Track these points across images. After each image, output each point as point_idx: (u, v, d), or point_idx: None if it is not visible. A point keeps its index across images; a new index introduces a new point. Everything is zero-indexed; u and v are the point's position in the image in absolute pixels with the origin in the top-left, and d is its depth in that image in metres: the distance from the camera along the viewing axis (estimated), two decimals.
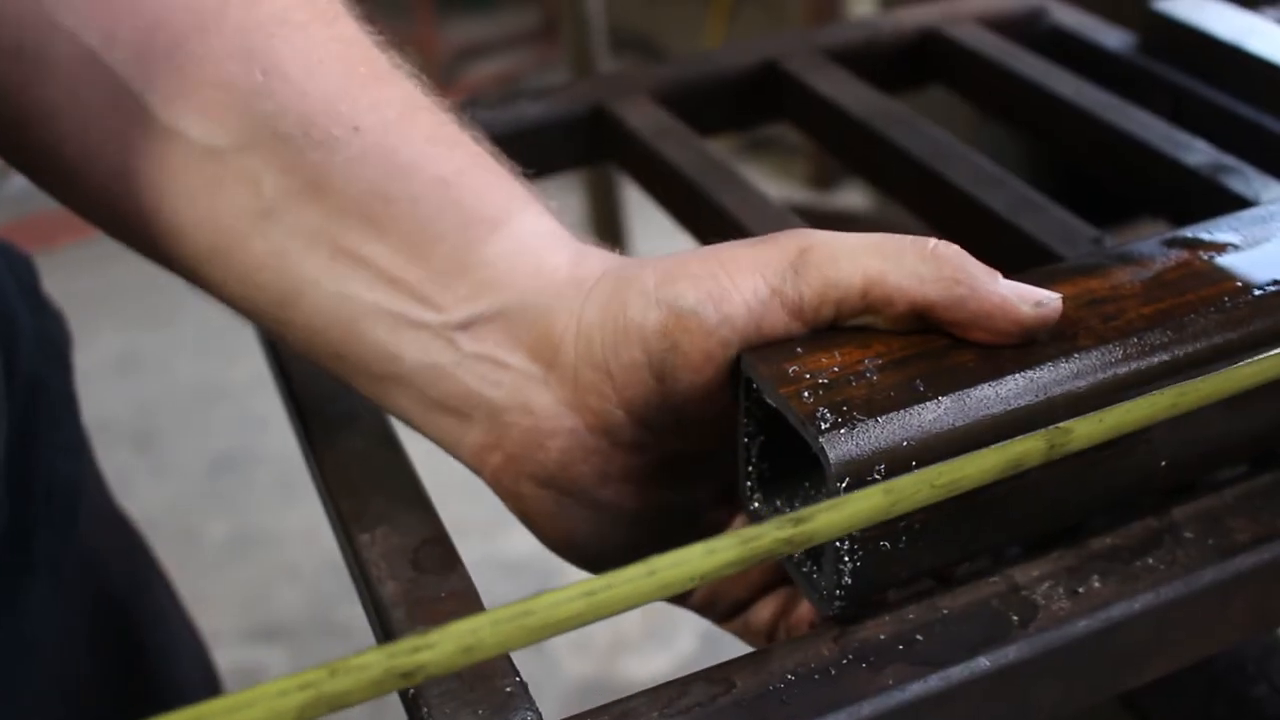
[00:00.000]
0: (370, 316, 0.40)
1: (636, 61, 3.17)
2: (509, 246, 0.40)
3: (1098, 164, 0.63)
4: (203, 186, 0.39)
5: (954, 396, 0.35)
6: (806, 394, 0.35)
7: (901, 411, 0.35)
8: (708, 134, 0.68)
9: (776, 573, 0.44)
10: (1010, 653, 0.36)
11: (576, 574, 0.38)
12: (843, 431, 0.34)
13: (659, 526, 0.42)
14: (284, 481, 2.17)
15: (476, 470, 0.42)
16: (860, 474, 0.34)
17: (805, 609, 0.43)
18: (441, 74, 3.46)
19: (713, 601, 0.45)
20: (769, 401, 0.36)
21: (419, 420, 0.42)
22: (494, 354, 0.40)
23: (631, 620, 1.88)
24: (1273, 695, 0.54)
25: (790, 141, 2.85)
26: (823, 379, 0.36)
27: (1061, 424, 0.33)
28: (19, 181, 0.47)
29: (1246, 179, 0.56)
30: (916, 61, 0.73)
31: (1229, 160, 0.58)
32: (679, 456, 0.41)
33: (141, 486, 2.17)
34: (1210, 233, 0.41)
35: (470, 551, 0.42)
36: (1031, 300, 0.37)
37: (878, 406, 0.35)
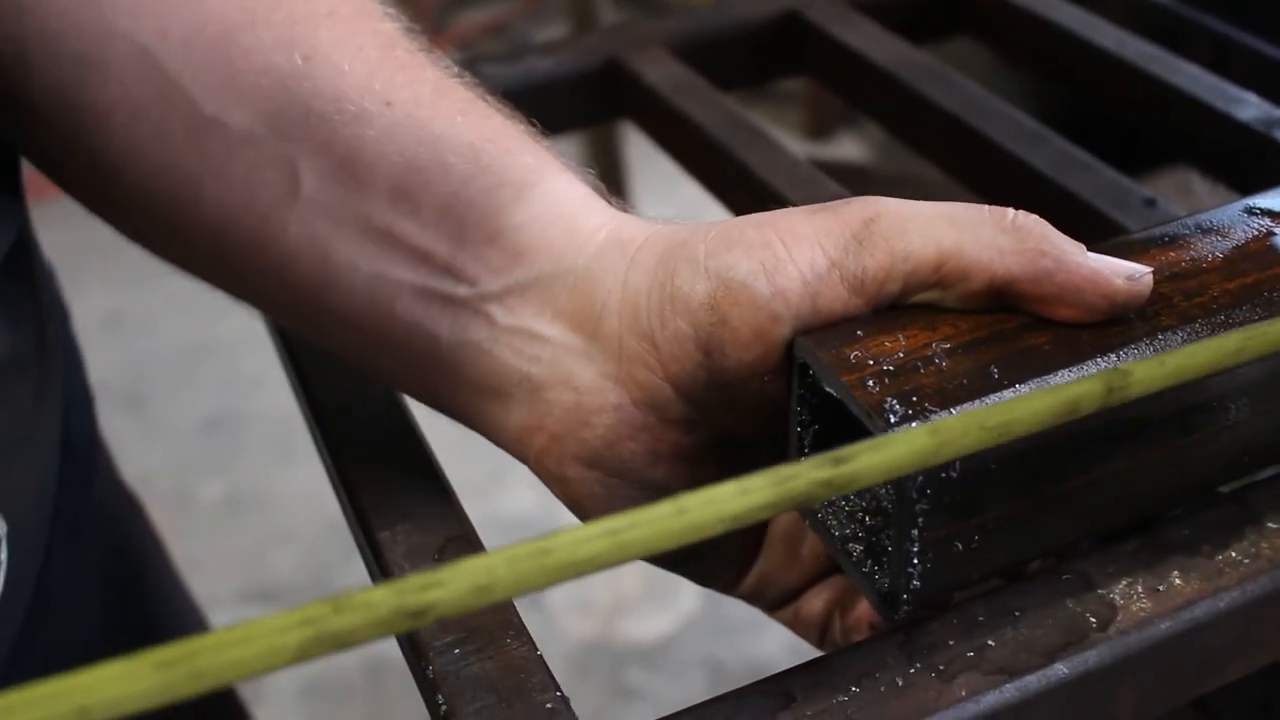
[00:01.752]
0: (405, 296, 0.38)
1: (635, 12, 3.11)
2: (540, 209, 0.38)
3: (1140, 117, 0.59)
4: (241, 175, 0.39)
5: (1033, 385, 0.32)
6: (871, 382, 0.32)
7: (979, 403, 0.32)
8: (727, 88, 0.65)
9: (830, 560, 0.41)
10: (1089, 659, 0.33)
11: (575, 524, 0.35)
12: (914, 426, 0.31)
13: None
14: (278, 441, 2.14)
15: (520, 455, 0.40)
16: (935, 472, 0.31)
17: (865, 606, 0.40)
18: (432, 23, 3.40)
19: (762, 589, 0.42)
20: (828, 389, 0.33)
21: (461, 406, 0.40)
22: (531, 326, 0.38)
23: (632, 581, 1.86)
24: None
25: (785, 91, 2.80)
26: (888, 365, 0.33)
27: (1120, 366, 0.30)
28: None
29: None
30: (945, 11, 0.69)
31: None
32: (733, 435, 0.38)
33: (133, 447, 2.13)
34: None
35: (469, 513, 0.40)
36: (1124, 273, 0.34)
37: (951, 397, 0.32)
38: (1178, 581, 0.35)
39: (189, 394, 2.27)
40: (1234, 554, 0.35)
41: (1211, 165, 0.56)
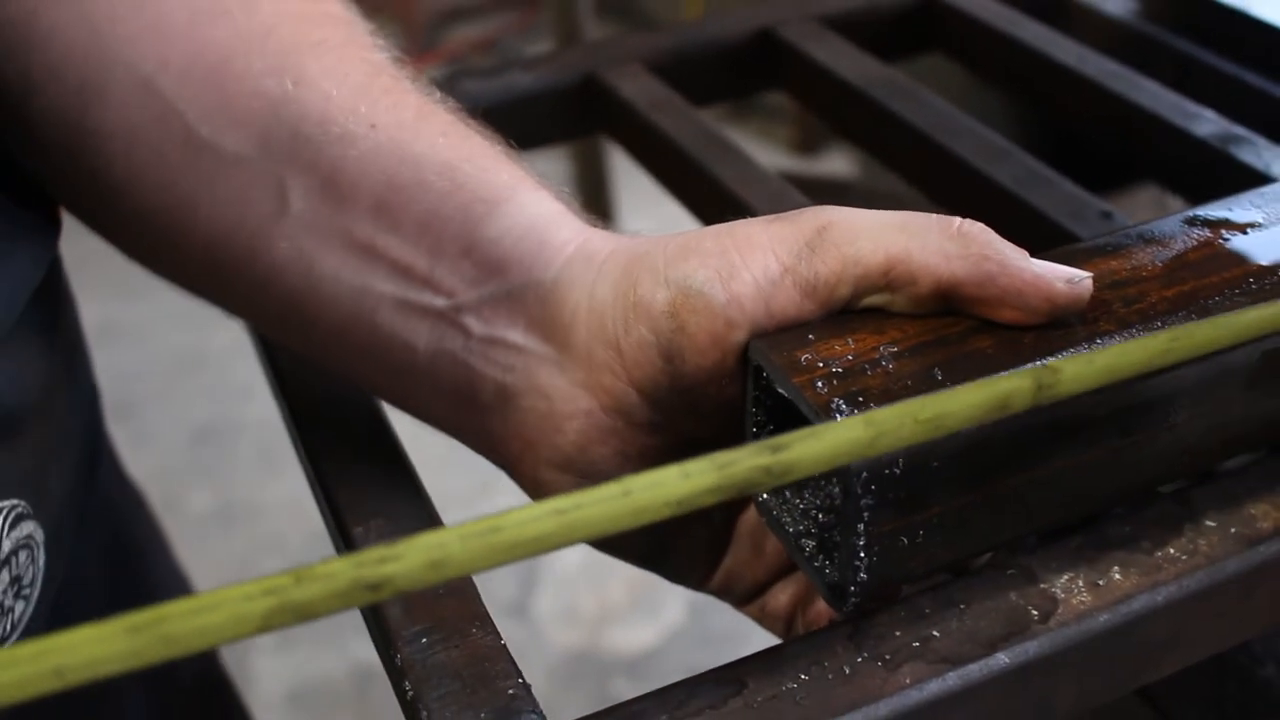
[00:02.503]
0: (385, 308, 0.40)
1: (621, 28, 3.13)
2: (512, 223, 0.39)
3: (1102, 133, 0.61)
4: (233, 193, 0.41)
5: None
6: (820, 384, 0.34)
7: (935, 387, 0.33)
8: (702, 104, 0.66)
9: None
10: (1030, 649, 0.34)
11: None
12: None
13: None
14: (267, 452, 2.15)
15: (498, 462, 0.42)
16: (879, 468, 0.33)
17: (817, 609, 0.42)
18: (423, 39, 3.42)
19: (730, 584, 0.44)
20: (780, 391, 0.35)
21: (440, 415, 0.42)
22: (504, 336, 0.39)
23: (619, 591, 1.87)
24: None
25: (774, 106, 2.82)
26: (837, 368, 0.34)
27: (1049, 362, 0.32)
28: None
29: (1257, 150, 0.55)
30: (916, 29, 0.71)
31: (1239, 130, 0.56)
32: (698, 438, 0.40)
33: (124, 457, 2.14)
34: (1232, 210, 0.40)
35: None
36: (1064, 277, 0.35)
37: (896, 397, 0.33)
38: (1117, 576, 0.36)
39: (179, 405, 2.29)
40: (1172, 551, 0.37)
41: (1170, 180, 0.58)
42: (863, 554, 0.34)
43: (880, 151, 0.62)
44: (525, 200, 0.40)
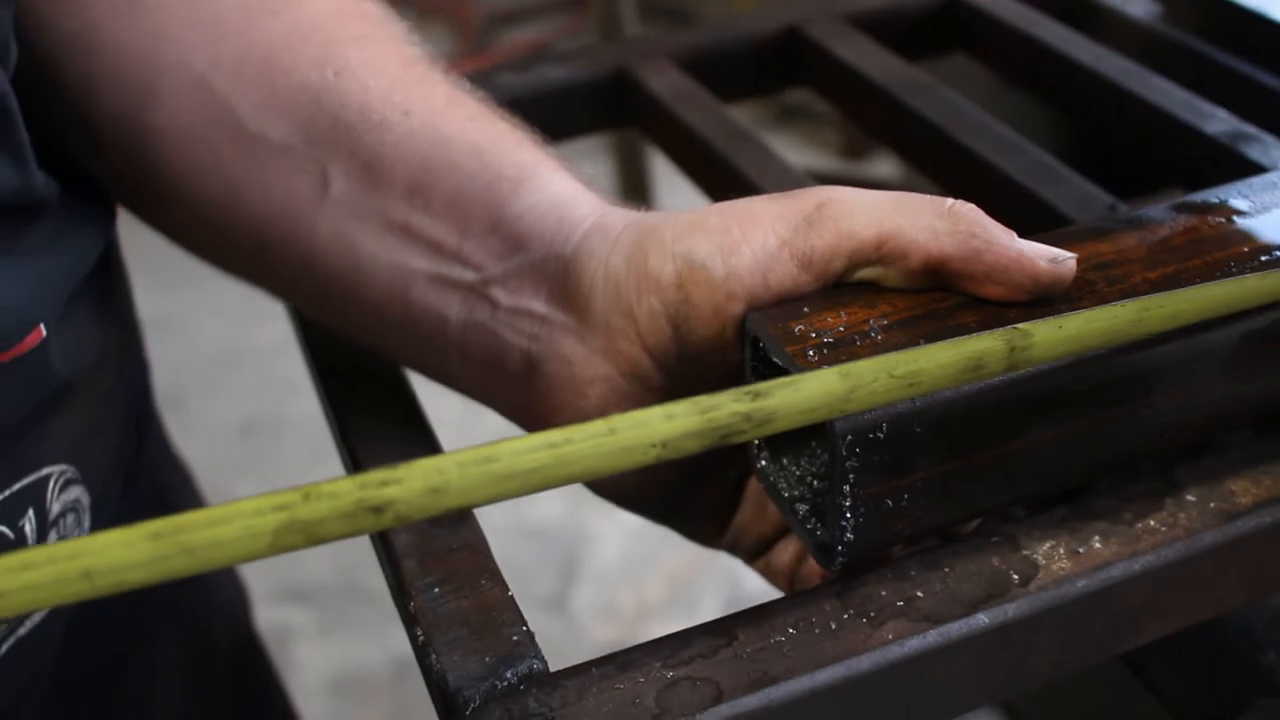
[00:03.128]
0: (419, 283, 0.43)
1: (666, 27, 3.15)
2: (534, 200, 0.42)
3: (1117, 132, 0.63)
4: (278, 180, 0.43)
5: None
6: (811, 352, 0.36)
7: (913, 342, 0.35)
8: (729, 99, 0.68)
9: None
10: (1009, 610, 0.36)
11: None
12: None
13: (695, 466, 0.43)
14: (312, 445, 2.19)
15: (523, 425, 0.44)
16: (863, 432, 0.34)
17: (814, 566, 0.44)
18: (475, 41, 3.46)
19: (738, 540, 0.46)
20: (775, 359, 0.37)
21: (469, 382, 0.44)
22: (529, 306, 0.42)
23: (656, 587, 1.89)
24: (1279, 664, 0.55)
25: (820, 110, 2.83)
26: (828, 338, 0.36)
27: (1020, 325, 0.33)
28: None
29: (1265, 147, 0.56)
30: (940, 28, 0.73)
31: (1249, 129, 0.57)
32: None
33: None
34: (1220, 198, 0.41)
35: (498, 517, 0.43)
36: (1047, 256, 0.37)
37: None
38: (1098, 545, 0.38)
39: (227, 397, 2.33)
40: (1153, 523, 0.38)
41: (1181, 177, 0.59)
42: (849, 515, 0.36)
43: (900, 147, 0.64)
44: (547, 179, 0.42)
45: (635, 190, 1.32)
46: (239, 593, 0.73)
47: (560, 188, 0.42)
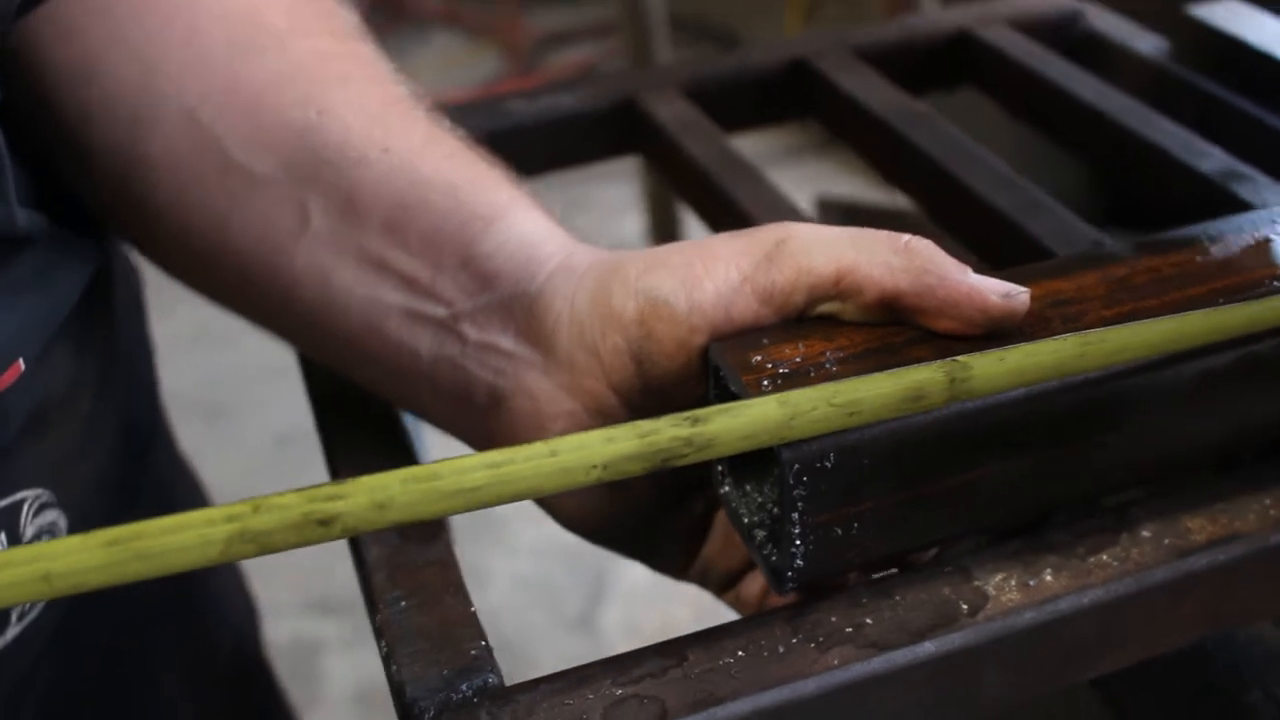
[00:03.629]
0: (393, 317, 0.44)
1: (703, 51, 3.17)
2: (504, 239, 0.43)
3: (1115, 168, 0.63)
4: (261, 212, 0.45)
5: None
6: (766, 382, 0.37)
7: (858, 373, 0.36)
8: (736, 129, 0.69)
9: None
10: (955, 639, 0.37)
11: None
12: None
13: (660, 501, 0.45)
14: None
15: None
16: (809, 461, 0.35)
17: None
18: (525, 61, 3.49)
19: (707, 572, 0.47)
20: (732, 389, 0.38)
21: (439, 415, 0.46)
22: (496, 342, 0.43)
23: (682, 610, 1.90)
24: (1266, 702, 0.55)
25: None
26: (784, 369, 0.37)
27: (960, 357, 0.34)
28: None
29: (1257, 186, 0.56)
30: (948, 62, 0.73)
31: (1243, 168, 0.58)
32: None
33: (210, 457, 2.22)
34: (1185, 237, 0.42)
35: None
36: (1000, 291, 0.38)
37: None
38: (1049, 578, 0.38)
39: (265, 409, 2.36)
40: (1105, 557, 0.39)
41: (1173, 214, 0.60)
42: (798, 541, 0.37)
43: (897, 177, 0.65)
44: (518, 218, 0.44)
45: (662, 210, 1.33)
46: (246, 605, 0.75)
47: (530, 227, 0.44)
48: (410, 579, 0.40)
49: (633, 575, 1.96)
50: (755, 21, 3.34)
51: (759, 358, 0.38)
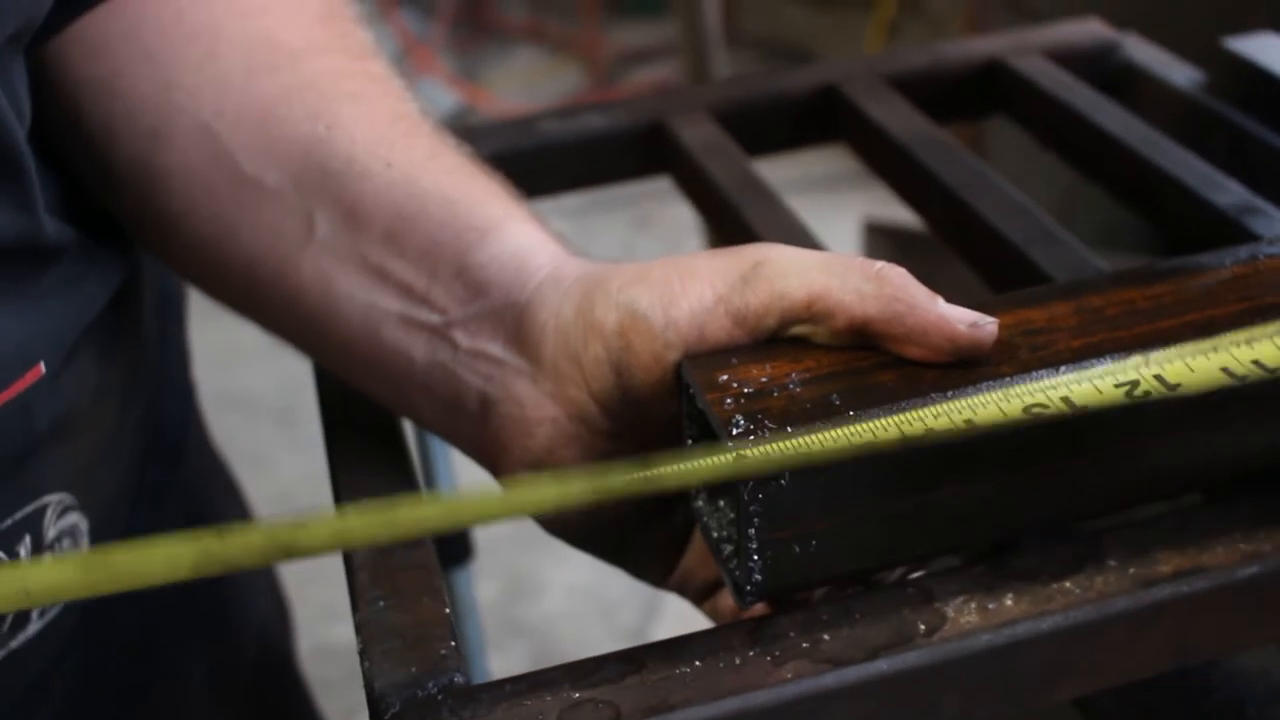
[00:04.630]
0: (389, 324, 0.46)
1: (763, 65, 3.17)
2: (498, 251, 0.45)
3: (1136, 200, 0.63)
4: (269, 222, 0.48)
5: (864, 413, 0.37)
6: (729, 401, 0.38)
7: (811, 424, 0.37)
8: (763, 153, 0.70)
9: None
10: (909, 659, 0.38)
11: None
12: (752, 439, 0.37)
13: (639, 508, 0.46)
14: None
15: (481, 462, 0.47)
16: (766, 481, 0.36)
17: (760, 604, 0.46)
18: (605, 77, 3.53)
19: (685, 582, 0.48)
20: (699, 406, 0.39)
21: (432, 419, 0.48)
22: (486, 349, 0.44)
23: (701, 619, 1.90)
24: None
25: None
26: (748, 388, 0.38)
27: (920, 428, 0.35)
28: None
29: (1270, 220, 0.56)
30: (979, 91, 0.74)
31: (1259, 202, 0.58)
32: (654, 446, 0.44)
33: (281, 460, 2.27)
34: (1165, 270, 0.42)
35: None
36: (967, 320, 0.39)
37: (791, 417, 0.37)
38: (1009, 603, 0.39)
39: None
40: (1068, 584, 0.40)
41: (1187, 248, 0.60)
42: (756, 557, 0.38)
43: (916, 204, 0.65)
44: (511, 231, 0.45)
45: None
46: (276, 606, 0.77)
47: (524, 240, 0.45)
48: (390, 581, 0.42)
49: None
50: (836, 40, 3.34)
51: (725, 376, 0.39)
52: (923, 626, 0.38)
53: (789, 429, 0.37)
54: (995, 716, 0.40)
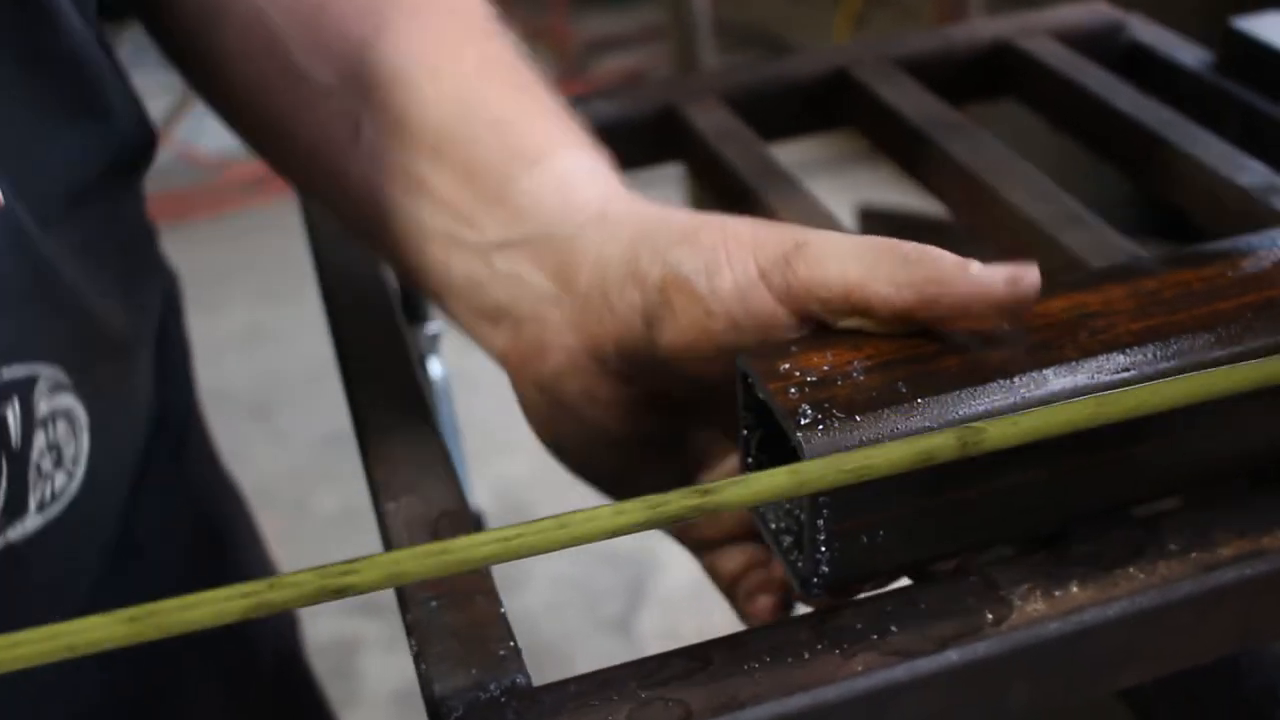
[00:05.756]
0: (431, 238, 0.47)
1: (752, 57, 3.17)
2: (542, 180, 0.46)
3: (1153, 181, 0.63)
4: (319, 120, 0.49)
5: (932, 400, 0.37)
6: (793, 390, 0.37)
7: (879, 411, 0.36)
8: (773, 138, 0.70)
9: (747, 525, 0.46)
10: (980, 649, 0.37)
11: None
12: (820, 428, 0.36)
13: (641, 450, 0.47)
14: None
15: (503, 368, 0.48)
16: None
17: (756, 580, 0.46)
18: (573, 65, 3.51)
19: (686, 533, 0.49)
20: (760, 396, 0.38)
21: (466, 325, 0.49)
22: (520, 272, 0.46)
23: (720, 616, 1.90)
24: None
25: None
26: (811, 377, 0.38)
27: (974, 424, 0.34)
28: (164, 157, 0.61)
29: None
30: (988, 73, 0.73)
31: None
32: (663, 395, 0.45)
33: (258, 455, 2.25)
34: (1212, 253, 0.42)
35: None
36: (1003, 279, 0.38)
37: (858, 406, 0.36)
38: (1074, 589, 0.39)
39: (314, 409, 2.39)
40: (1131, 570, 0.39)
41: (1212, 228, 0.60)
42: (824, 548, 0.37)
43: (935, 187, 0.65)
44: (560, 158, 0.46)
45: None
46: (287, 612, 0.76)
47: (573, 169, 0.46)
48: (443, 582, 0.41)
49: (672, 580, 1.96)
50: (804, 28, 3.34)
51: (786, 365, 0.38)
52: (990, 616, 0.38)
53: (856, 418, 0.36)
54: (1058, 704, 0.40)
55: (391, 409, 0.50)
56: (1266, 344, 0.39)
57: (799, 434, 0.36)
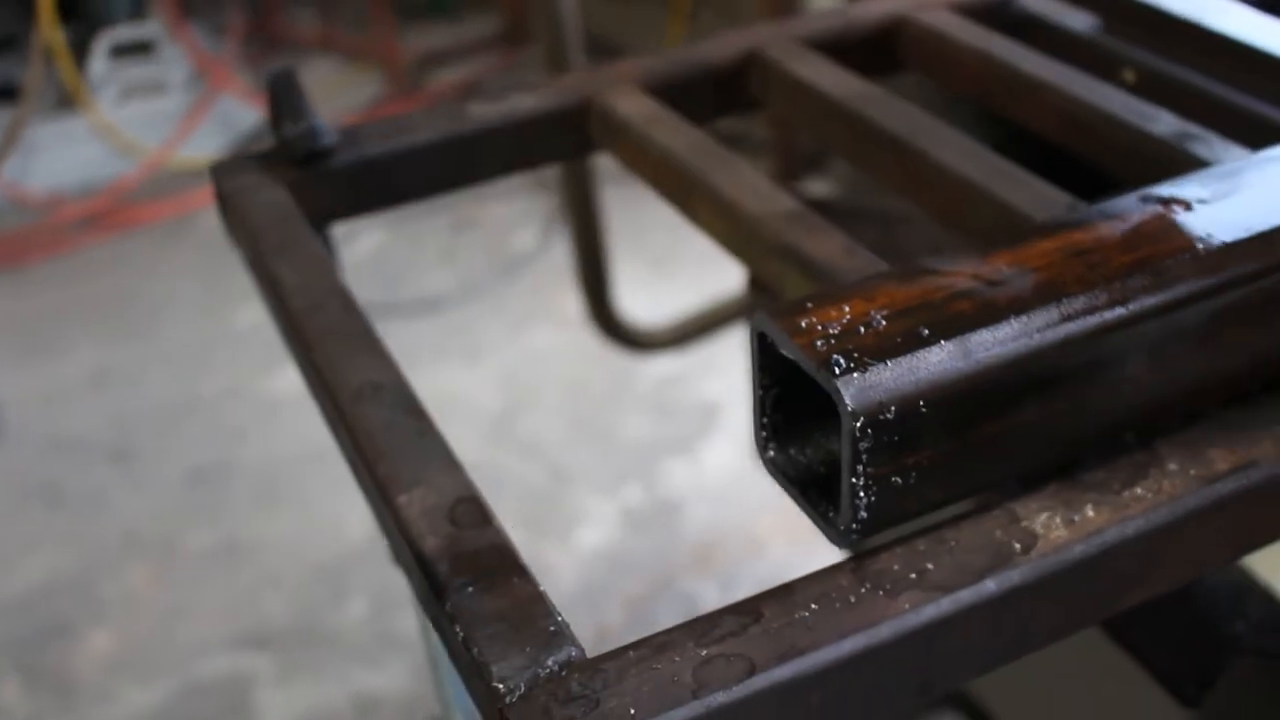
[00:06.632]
0: None
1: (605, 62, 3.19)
2: None
3: (1067, 138, 0.66)
4: None
5: (956, 341, 0.38)
6: (819, 344, 0.38)
7: (909, 355, 0.37)
8: (696, 123, 0.71)
9: None
10: (1014, 576, 0.39)
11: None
12: (855, 375, 0.37)
13: None
14: (262, 492, 2.17)
15: None
16: (874, 414, 0.37)
17: None
18: (406, 82, 3.47)
19: None
20: (784, 353, 0.39)
21: None
22: None
23: (615, 614, 1.91)
24: (1249, 631, 0.58)
25: (756, 138, 2.87)
26: (834, 329, 0.38)
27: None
28: None
29: (1211, 145, 0.59)
30: (890, 47, 0.75)
31: (1193, 129, 0.61)
32: None
33: (120, 499, 2.17)
34: (1181, 188, 0.44)
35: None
36: None
37: (887, 351, 0.37)
38: (1090, 513, 0.40)
39: (174, 447, 2.31)
40: (1139, 490, 0.41)
41: (1132, 179, 0.62)
42: (862, 494, 0.38)
43: (860, 158, 0.66)
44: None
45: (585, 232, 1.33)
46: None
47: None
48: (473, 566, 0.41)
49: (561, 585, 1.96)
50: (639, 33, 3.36)
51: (806, 320, 0.39)
52: (1018, 545, 0.39)
53: (887, 362, 0.37)
54: (1080, 626, 0.41)
55: (379, 404, 0.49)
56: (1249, 268, 0.41)
57: (836, 383, 0.37)
